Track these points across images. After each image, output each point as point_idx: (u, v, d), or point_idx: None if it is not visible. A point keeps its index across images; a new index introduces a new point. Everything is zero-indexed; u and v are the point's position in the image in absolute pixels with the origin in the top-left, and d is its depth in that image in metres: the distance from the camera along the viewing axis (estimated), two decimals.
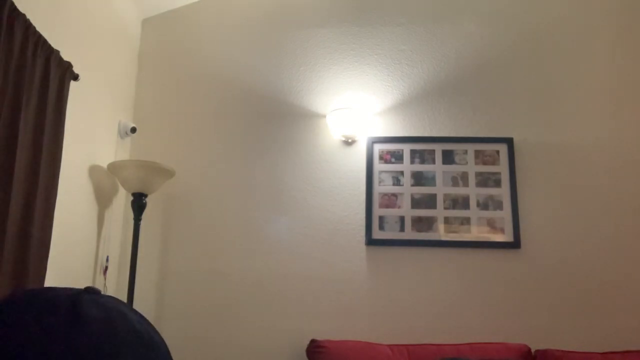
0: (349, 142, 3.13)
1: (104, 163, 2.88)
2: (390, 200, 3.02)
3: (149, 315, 2.97)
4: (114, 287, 2.98)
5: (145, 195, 2.88)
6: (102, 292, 0.58)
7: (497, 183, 3.01)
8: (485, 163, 3.05)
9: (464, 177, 3.04)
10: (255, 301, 2.95)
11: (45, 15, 2.27)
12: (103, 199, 2.85)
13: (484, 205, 2.98)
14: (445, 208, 2.99)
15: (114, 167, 2.82)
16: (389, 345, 2.68)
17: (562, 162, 3.04)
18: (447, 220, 2.98)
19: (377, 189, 3.04)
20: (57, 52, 2.26)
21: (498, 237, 2.93)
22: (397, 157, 3.09)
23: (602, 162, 3.03)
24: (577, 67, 3.17)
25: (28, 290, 0.55)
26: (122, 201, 3.08)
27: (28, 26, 2.06)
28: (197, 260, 3.03)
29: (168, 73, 3.32)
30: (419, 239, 2.96)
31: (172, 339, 2.93)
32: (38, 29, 2.13)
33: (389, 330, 2.85)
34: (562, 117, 3.11)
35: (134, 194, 2.86)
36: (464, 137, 3.10)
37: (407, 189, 3.04)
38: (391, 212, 3.00)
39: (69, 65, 2.35)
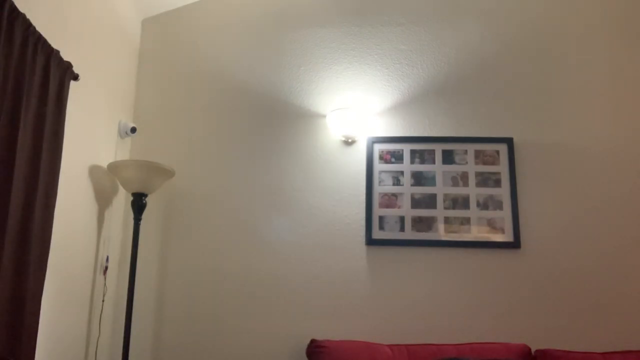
0: (349, 142, 3.13)
1: (104, 163, 2.88)
2: (390, 200, 3.02)
3: (149, 315, 2.97)
4: (114, 287, 2.98)
5: (145, 195, 2.88)
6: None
7: (497, 183, 3.02)
8: (485, 163, 3.05)
9: (464, 177, 3.04)
10: (255, 301, 2.95)
11: (45, 15, 2.27)
12: (103, 199, 2.85)
13: (484, 205, 2.99)
14: (445, 208, 2.99)
15: (114, 167, 2.82)
16: (389, 345, 2.68)
17: (562, 162, 3.04)
18: (447, 220, 2.98)
19: (377, 189, 3.05)
20: (57, 52, 2.26)
21: (498, 237, 2.94)
22: (397, 157, 3.09)
23: (602, 162, 3.03)
24: (577, 68, 3.17)
25: None
26: (122, 201, 3.08)
27: (28, 26, 2.06)
28: (197, 260, 3.03)
29: (168, 73, 3.32)
30: (419, 239, 2.96)
31: (173, 338, 2.94)
32: (38, 29, 2.13)
33: (389, 330, 2.85)
34: (562, 117, 3.11)
35: (134, 194, 2.86)
36: (464, 137, 3.10)
37: (407, 189, 3.04)
38: (391, 212, 3.00)
39: (69, 65, 2.35)
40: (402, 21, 3.31)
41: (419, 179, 3.05)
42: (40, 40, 2.13)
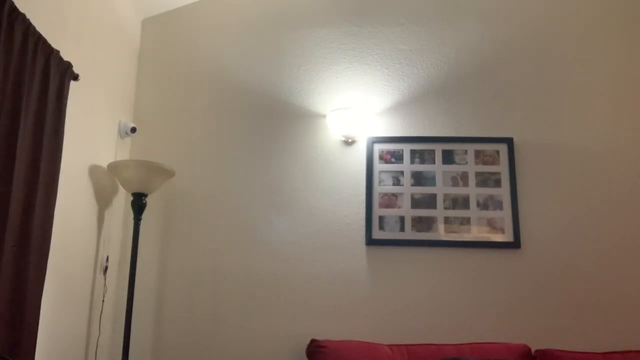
0: (349, 142, 3.13)
1: (104, 163, 2.88)
2: (390, 200, 3.02)
3: (149, 315, 2.97)
4: (114, 287, 2.98)
5: (145, 195, 2.88)
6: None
7: (497, 183, 3.02)
8: (485, 163, 3.05)
9: (464, 177, 3.04)
10: (255, 301, 2.95)
11: (45, 15, 2.27)
12: (103, 199, 2.85)
13: (484, 205, 2.99)
14: (445, 208, 2.99)
15: (114, 167, 2.82)
16: (389, 345, 2.68)
17: (562, 162, 3.04)
18: (447, 220, 2.98)
19: (377, 189, 3.04)
20: (57, 52, 2.26)
21: (498, 237, 2.93)
22: (397, 157, 3.09)
23: (602, 162, 3.03)
24: (577, 68, 3.17)
25: None
26: (122, 201, 3.08)
27: (28, 26, 2.06)
28: (197, 260, 3.03)
29: (168, 73, 3.32)
30: (419, 239, 2.96)
31: (173, 338, 2.94)
32: (38, 29, 2.13)
33: (389, 330, 2.85)
34: (562, 117, 3.11)
35: (134, 194, 2.86)
36: (464, 137, 3.10)
37: (407, 189, 3.04)
38: (391, 212, 3.00)
39: (69, 65, 2.35)
40: (402, 21, 3.31)
41: (419, 179, 3.05)
42: (40, 40, 2.13)
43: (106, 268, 2.86)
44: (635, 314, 2.81)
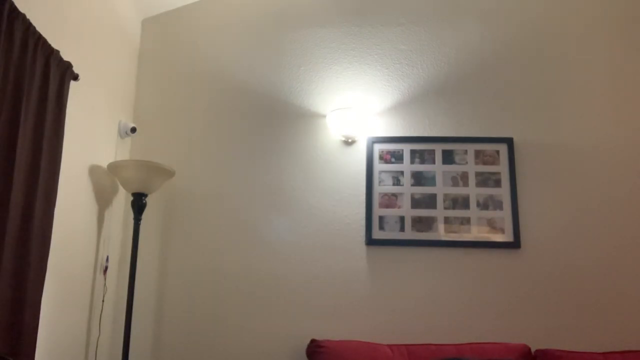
0: (349, 142, 3.13)
1: (104, 163, 2.88)
2: (390, 200, 3.02)
3: (149, 315, 2.97)
4: (114, 287, 2.98)
5: (145, 195, 2.88)
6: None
7: (497, 183, 3.02)
8: (485, 163, 3.05)
9: (464, 177, 3.04)
10: (255, 301, 2.95)
11: (45, 15, 2.27)
12: (103, 199, 2.85)
13: (484, 205, 2.99)
14: (445, 208, 2.99)
15: (114, 167, 2.82)
16: (389, 345, 2.68)
17: (562, 162, 3.04)
18: (447, 220, 2.98)
19: (377, 189, 3.05)
20: (57, 52, 2.26)
21: (498, 237, 2.94)
22: (397, 157, 3.09)
23: (602, 162, 3.03)
24: (577, 68, 3.17)
25: None
26: (122, 201, 3.08)
27: (28, 26, 2.06)
28: (197, 260, 3.03)
29: (168, 73, 3.32)
30: (419, 239, 2.96)
31: (173, 338, 2.94)
32: (38, 29, 2.13)
33: (389, 330, 2.85)
34: (562, 117, 3.11)
35: (134, 194, 2.86)
36: (464, 137, 3.10)
37: (407, 189, 3.04)
38: (391, 212, 3.00)
39: (69, 65, 2.35)
40: (402, 21, 3.31)
41: (419, 179, 3.05)
42: (40, 40, 2.13)
43: (106, 268, 2.86)
44: (635, 314, 2.81)
